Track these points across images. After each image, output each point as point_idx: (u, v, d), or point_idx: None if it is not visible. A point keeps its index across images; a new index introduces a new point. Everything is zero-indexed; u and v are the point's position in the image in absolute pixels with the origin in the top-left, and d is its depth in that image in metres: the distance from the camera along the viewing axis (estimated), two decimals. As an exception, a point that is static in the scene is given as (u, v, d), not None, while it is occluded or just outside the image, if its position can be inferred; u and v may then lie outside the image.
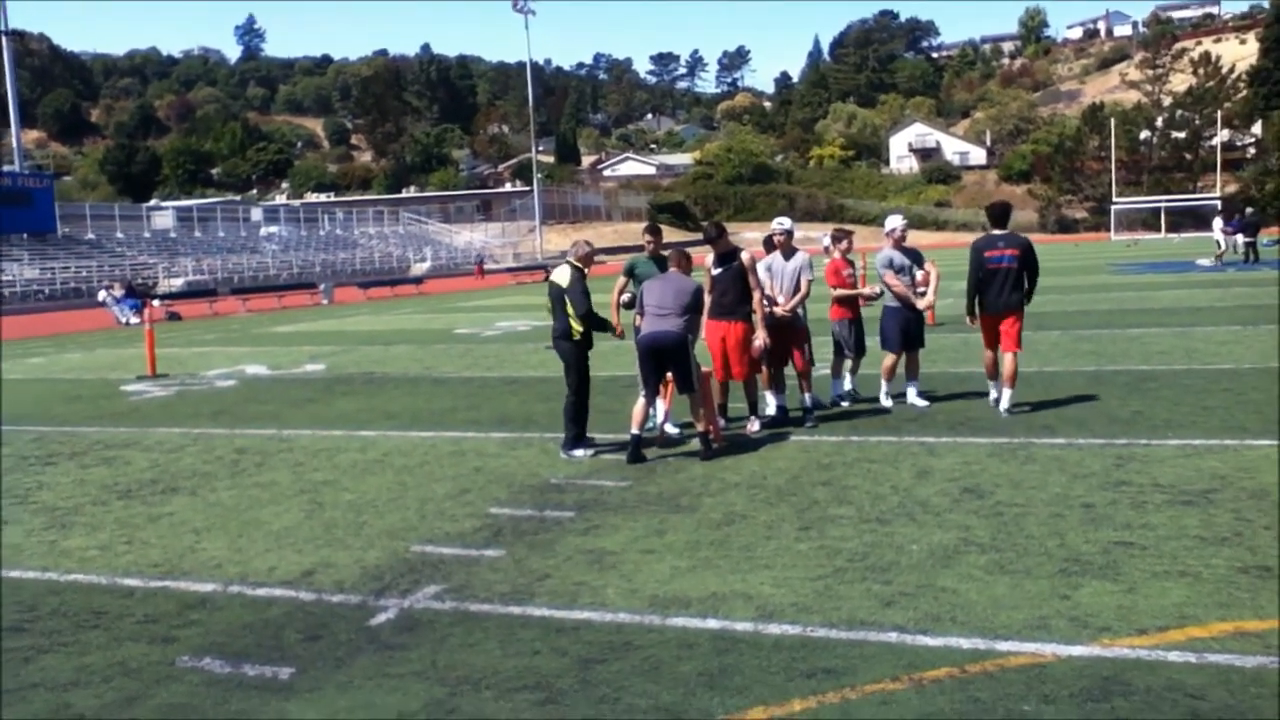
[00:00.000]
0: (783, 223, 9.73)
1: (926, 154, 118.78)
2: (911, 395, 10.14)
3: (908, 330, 10.07)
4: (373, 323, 26.71)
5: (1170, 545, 5.49)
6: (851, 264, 10.60)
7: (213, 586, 5.57)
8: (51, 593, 5.58)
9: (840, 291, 10.24)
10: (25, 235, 51.36)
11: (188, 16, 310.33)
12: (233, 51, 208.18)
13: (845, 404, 10.34)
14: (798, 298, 9.36)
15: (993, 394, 9.81)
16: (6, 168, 66.21)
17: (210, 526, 6.84)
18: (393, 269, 62.10)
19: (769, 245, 9.74)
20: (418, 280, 48.67)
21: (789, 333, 9.36)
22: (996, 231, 9.59)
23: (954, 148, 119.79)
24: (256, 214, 75.77)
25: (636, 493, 7.19)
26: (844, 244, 10.49)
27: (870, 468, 7.60)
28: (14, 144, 59.80)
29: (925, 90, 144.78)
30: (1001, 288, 9.31)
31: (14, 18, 54.06)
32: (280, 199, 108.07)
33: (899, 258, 10.14)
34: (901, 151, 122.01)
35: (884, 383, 10.20)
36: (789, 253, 9.52)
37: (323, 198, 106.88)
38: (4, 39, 55.03)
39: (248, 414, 11.79)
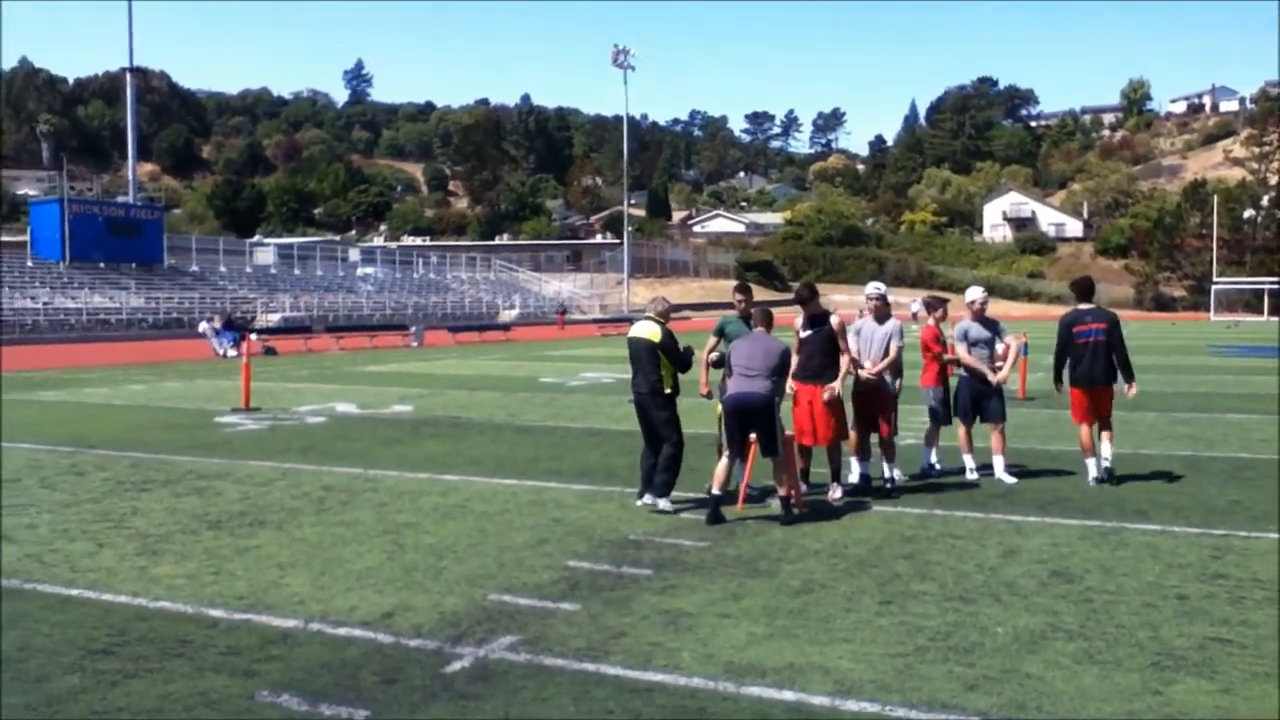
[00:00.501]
0: (879, 288, 9.65)
1: (1021, 224, 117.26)
2: (999, 470, 9.94)
3: (978, 402, 10.01)
4: (460, 367, 27.10)
5: (1270, 645, 5.26)
6: (941, 333, 10.54)
7: (294, 622, 5.65)
8: (140, 619, 5.72)
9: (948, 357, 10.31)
10: (134, 265, 53.40)
11: (299, 59, 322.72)
12: (340, 95, 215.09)
13: (937, 467, 10.27)
14: (885, 362, 9.27)
15: (1091, 472, 9.69)
16: (121, 199, 69.12)
17: (295, 562, 6.97)
18: (482, 314, 63.05)
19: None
20: (506, 327, 49.33)
21: (876, 399, 9.27)
22: (1084, 306, 9.85)
23: (1049, 218, 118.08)
24: (354, 254, 77.79)
25: (715, 554, 7.14)
26: (939, 312, 10.47)
27: (955, 544, 7.45)
28: (129, 176, 62.45)
29: (1022, 159, 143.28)
30: (1093, 361, 9.58)
31: (138, 55, 56.61)
32: (378, 240, 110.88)
33: (975, 330, 10.10)
34: (995, 220, 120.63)
35: (965, 456, 10.06)
36: (882, 318, 9.46)
37: (418, 241, 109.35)
38: (128, 76, 57.75)
39: (336, 451, 12.02)
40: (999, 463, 9.97)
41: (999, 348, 10.17)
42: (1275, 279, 77.71)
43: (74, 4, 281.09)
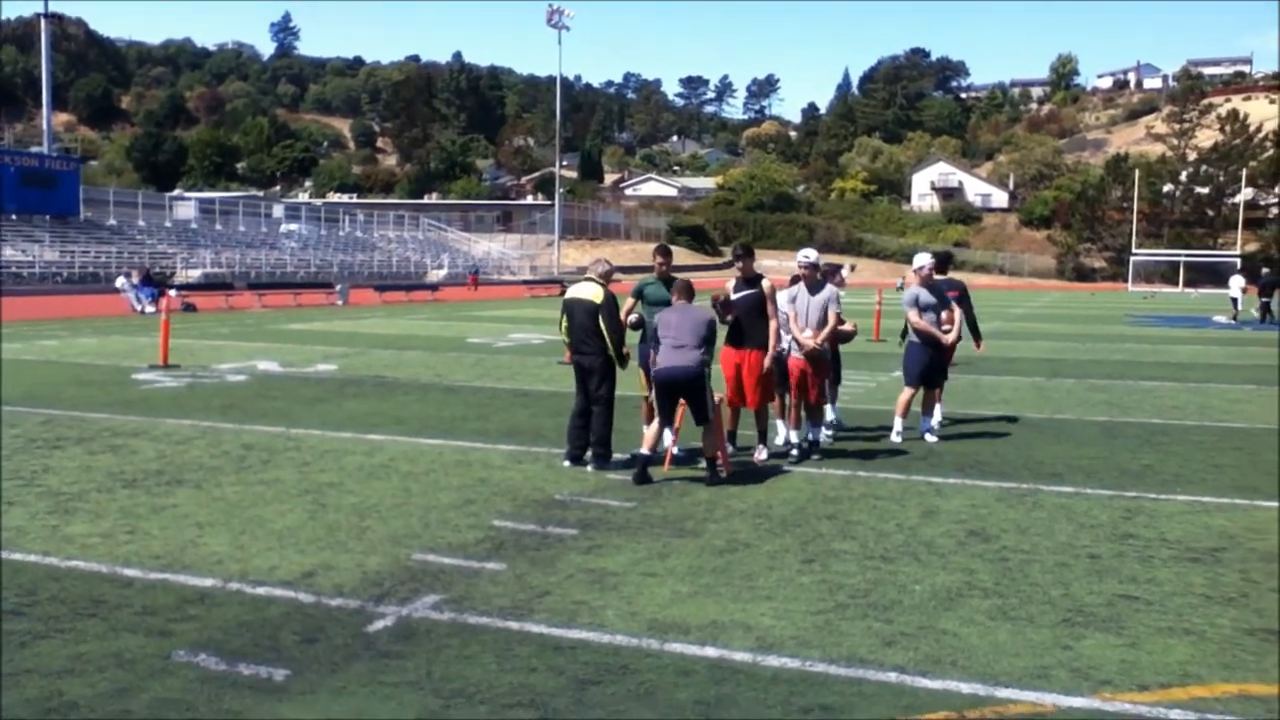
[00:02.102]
0: (809, 255, 9.64)
1: (948, 193, 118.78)
2: (928, 428, 10.19)
3: (929, 366, 10.22)
4: (386, 326, 26.76)
5: (1175, 602, 5.44)
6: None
7: (212, 582, 5.55)
8: (51, 578, 5.57)
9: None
10: (48, 217, 51.72)
11: (224, 10, 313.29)
12: (266, 48, 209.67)
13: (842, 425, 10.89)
14: (826, 330, 9.31)
15: (897, 430, 10.24)
16: (35, 149, 66.75)
17: (213, 521, 6.84)
18: (410, 274, 62.28)
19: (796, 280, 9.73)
20: (434, 287, 48.79)
21: (817, 366, 9.33)
22: (939, 277, 10.74)
23: (976, 189, 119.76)
24: (278, 210, 76.14)
25: (641, 514, 7.17)
26: (836, 278, 10.65)
27: (876, 504, 7.57)
28: (44, 126, 60.30)
29: (952, 130, 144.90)
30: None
31: (53, 1, 54.57)
32: (303, 197, 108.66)
33: (925, 295, 10.22)
34: (924, 189, 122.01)
35: (898, 418, 10.25)
36: (815, 286, 9.49)
37: (345, 198, 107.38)
38: (43, 21, 55.66)
39: (257, 410, 11.81)
40: (936, 416, 10.26)
41: (943, 314, 10.37)
42: (1190, 252, 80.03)
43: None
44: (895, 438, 10.12)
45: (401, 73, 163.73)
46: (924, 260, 10.50)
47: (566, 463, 8.79)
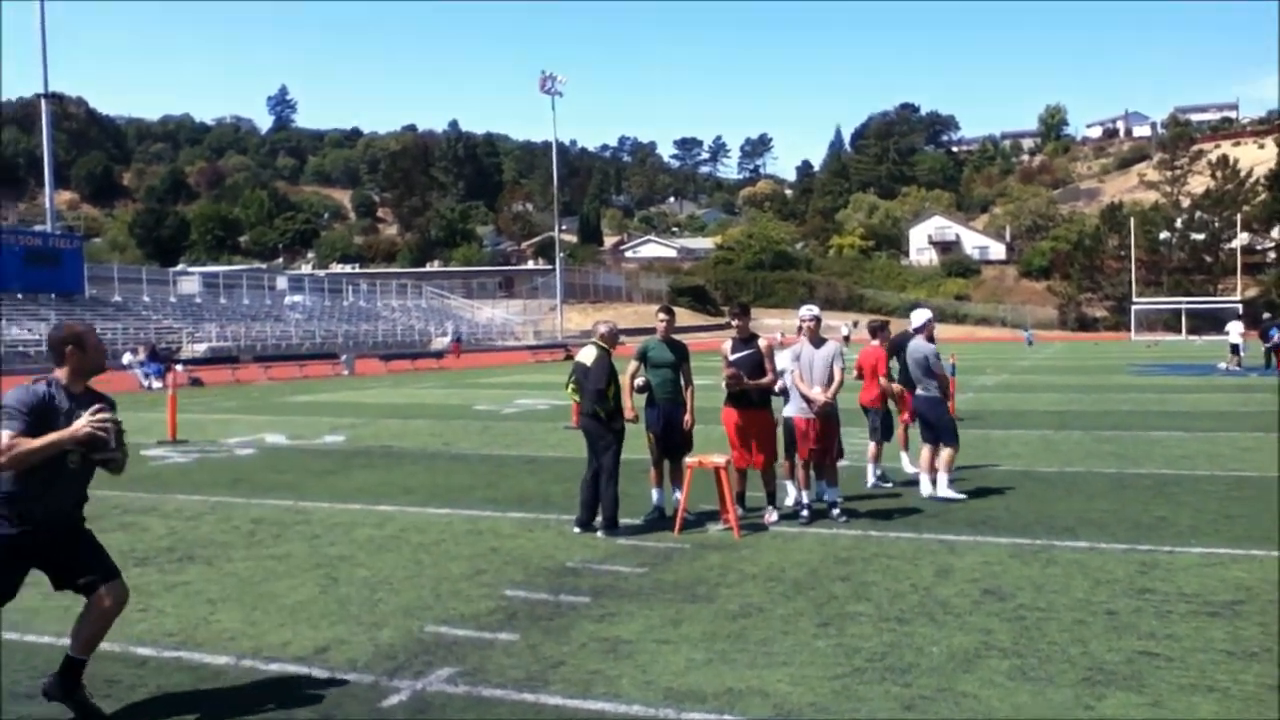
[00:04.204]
0: (812, 309, 9.60)
1: (946, 247, 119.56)
2: (942, 486, 10.23)
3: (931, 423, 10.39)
4: (393, 395, 26.81)
5: (1197, 658, 5.40)
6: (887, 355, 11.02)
7: (226, 659, 5.53)
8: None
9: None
10: (53, 295, 52.06)
11: (222, 85, 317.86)
12: (265, 121, 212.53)
13: (888, 485, 10.84)
14: (834, 387, 9.24)
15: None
16: (38, 227, 67.36)
17: (225, 597, 6.82)
18: (415, 342, 62.50)
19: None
20: (438, 354, 48.94)
21: (826, 424, 9.30)
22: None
23: (974, 242, 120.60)
24: (282, 282, 76.59)
25: (653, 580, 7.14)
26: (883, 334, 11.00)
27: (889, 564, 7.53)
28: (47, 204, 60.91)
29: (945, 184, 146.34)
30: None
31: (54, 80, 55.50)
32: (305, 268, 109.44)
33: (932, 351, 10.30)
34: (921, 244, 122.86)
35: (924, 475, 10.39)
36: (818, 341, 9.51)
37: (347, 269, 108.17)
38: (43, 102, 56.51)
39: (266, 483, 11.81)
40: (943, 479, 10.22)
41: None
42: (1191, 299, 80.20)
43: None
44: (926, 493, 10.26)
45: (399, 142, 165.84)
46: (927, 316, 10.72)
47: (577, 529, 8.78)
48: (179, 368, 30.50)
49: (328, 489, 11.35)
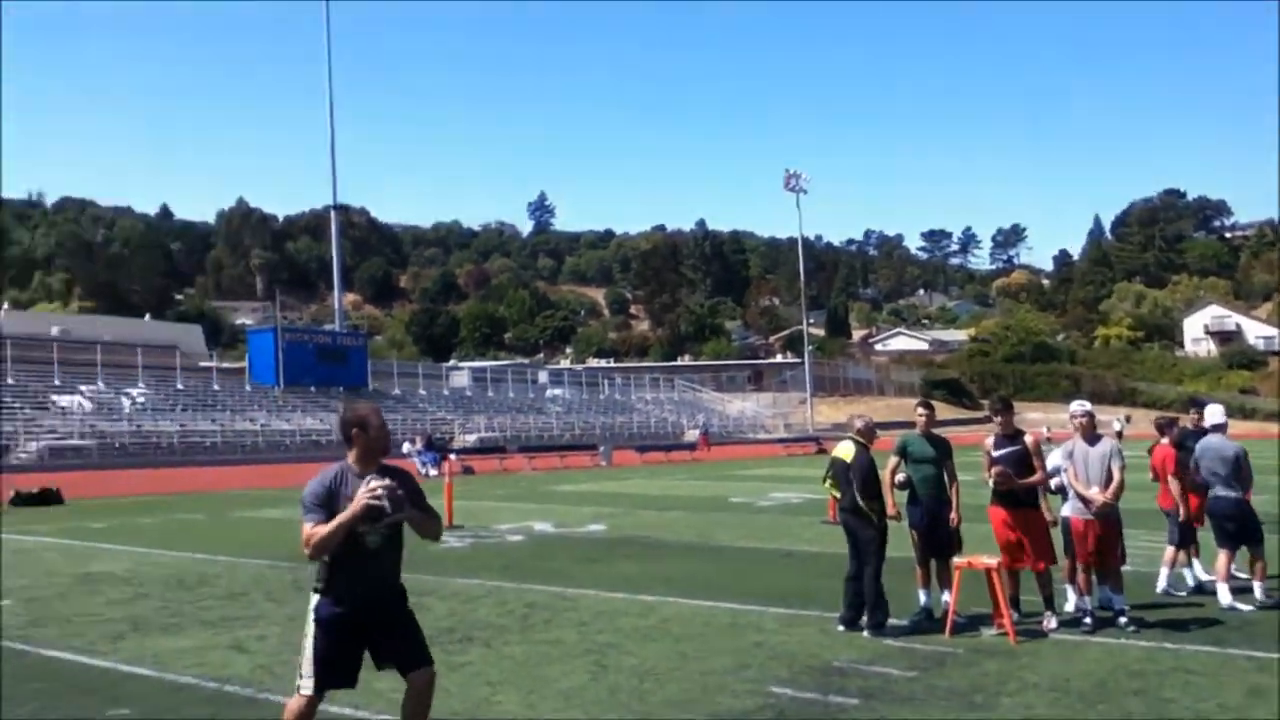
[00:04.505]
0: (1084, 404, 9.18)
1: (1226, 337, 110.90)
2: (1259, 592, 9.44)
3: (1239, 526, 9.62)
4: (649, 486, 27.33)
5: None
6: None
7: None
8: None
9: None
10: (342, 388, 56.57)
11: (487, 193, 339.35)
12: (525, 225, 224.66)
13: (1181, 594, 10.05)
14: (1114, 487, 8.69)
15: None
16: (328, 327, 73.77)
17: (504, 680, 7.10)
18: (667, 434, 63.61)
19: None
20: (691, 446, 49.57)
21: (1107, 526, 8.79)
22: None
23: (1257, 331, 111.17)
24: (543, 376, 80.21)
25: (925, 685, 6.89)
26: (1174, 431, 10.36)
27: (1190, 680, 6.95)
28: (335, 306, 66.71)
29: (1220, 271, 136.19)
30: None
31: (340, 194, 61.28)
32: (564, 363, 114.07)
33: (1241, 449, 9.69)
34: (1197, 334, 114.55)
35: (1221, 584, 9.55)
36: (1092, 438, 9.03)
37: (603, 363, 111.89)
38: (333, 213, 62.36)
39: (536, 570, 12.27)
40: (1258, 588, 9.43)
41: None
42: None
43: (284, 149, 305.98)
44: (1225, 604, 9.37)
45: (649, 242, 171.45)
46: (1222, 414, 9.98)
47: (841, 626, 8.61)
48: (453, 456, 32.31)
49: (593, 577, 11.67)
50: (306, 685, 4.73)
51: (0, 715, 6.30)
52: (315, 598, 4.83)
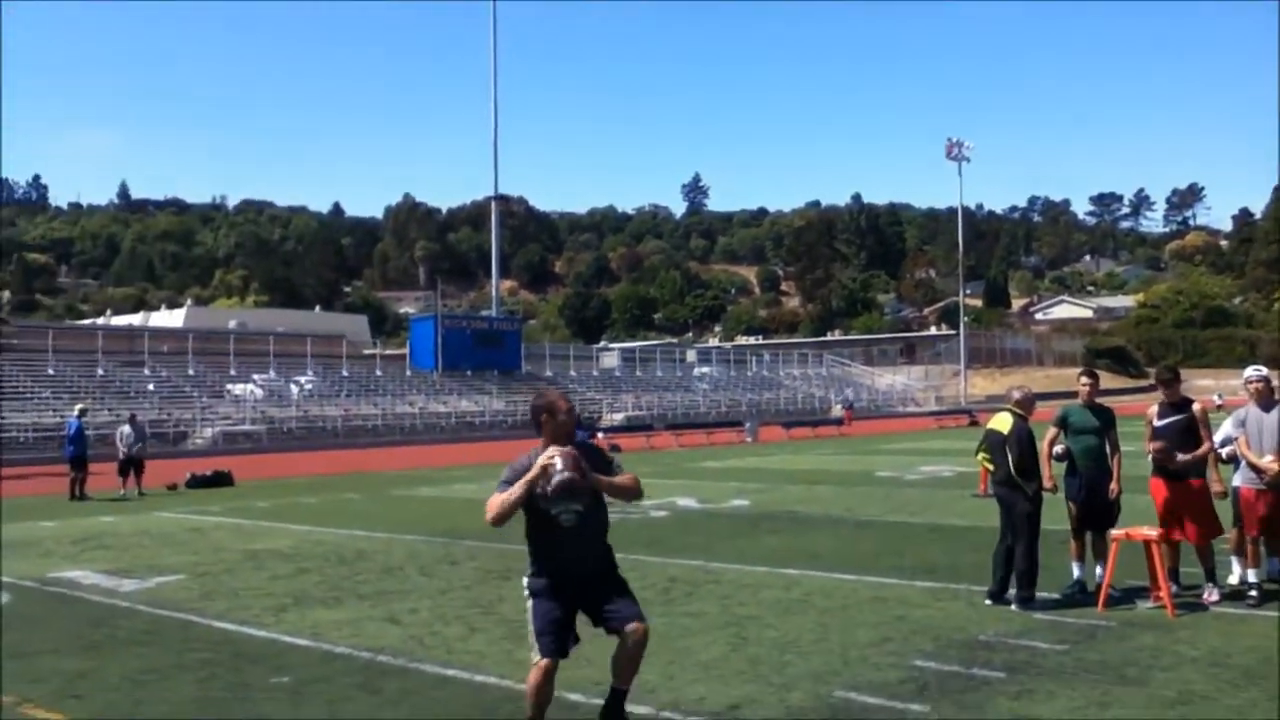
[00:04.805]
0: (1260, 370, 8.65)
1: None
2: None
3: None
4: (795, 462, 27.16)
5: None
6: None
7: (646, 709, 5.86)
8: (508, 699, 6.16)
9: None
10: (496, 372, 58.07)
11: (642, 177, 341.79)
12: (679, 207, 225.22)
13: None
14: None
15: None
16: (485, 313, 75.79)
17: (649, 651, 7.20)
18: (814, 409, 63.02)
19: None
20: (838, 421, 48.99)
21: (1275, 495, 8.34)
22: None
23: None
24: (691, 355, 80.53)
25: (1074, 659, 6.69)
26: None
27: (1365, 657, 6.55)
28: (493, 293, 68.44)
29: None
30: None
31: (501, 184, 62.71)
32: (713, 342, 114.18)
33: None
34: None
35: None
36: (1268, 404, 8.54)
37: (752, 340, 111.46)
38: (493, 203, 63.87)
39: (678, 544, 12.39)
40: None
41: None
42: None
43: (448, 145, 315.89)
44: None
45: (803, 218, 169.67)
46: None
47: (988, 600, 8.43)
48: (600, 435, 32.78)
49: (736, 551, 11.71)
50: (534, 656, 5.21)
51: (170, 683, 6.77)
52: (526, 578, 5.37)
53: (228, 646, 7.69)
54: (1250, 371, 8.70)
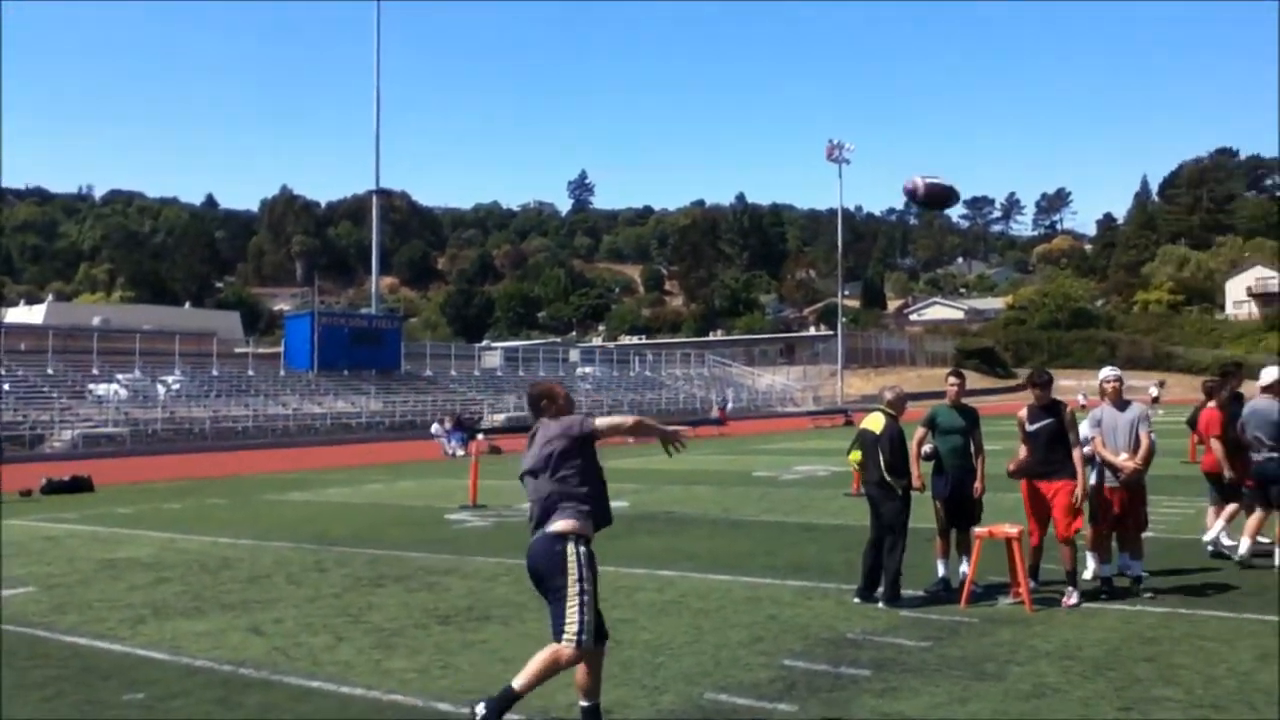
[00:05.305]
0: (1114, 370, 9.14)
1: (1269, 298, 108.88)
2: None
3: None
4: (674, 462, 27.17)
5: None
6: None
7: (517, 717, 5.79)
8: (375, 711, 6.02)
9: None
10: (374, 371, 56.97)
11: (527, 173, 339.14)
12: (564, 205, 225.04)
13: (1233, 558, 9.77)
14: (1142, 453, 8.65)
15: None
16: (364, 310, 74.31)
17: (519, 657, 7.10)
18: (696, 409, 63.60)
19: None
20: (719, 422, 49.53)
21: (1135, 493, 8.74)
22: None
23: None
24: (574, 355, 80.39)
25: (937, 655, 6.88)
26: (1224, 393, 10.35)
27: (1202, 645, 6.91)
28: (372, 290, 67.15)
29: (1267, 231, 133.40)
30: None
31: (382, 178, 61.57)
32: (597, 341, 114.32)
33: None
34: (1239, 296, 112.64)
35: (1247, 539, 9.58)
36: (1121, 404, 8.95)
37: (635, 340, 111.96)
38: (374, 198, 62.67)
39: (556, 548, 12.31)
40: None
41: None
42: None
43: (328, 137, 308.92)
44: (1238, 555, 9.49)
45: (687, 217, 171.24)
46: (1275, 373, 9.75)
47: (857, 599, 8.61)
48: (480, 436, 32.48)
49: (613, 553, 11.66)
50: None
51: (12, 704, 6.43)
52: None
53: (77, 662, 7.35)
54: (1106, 372, 9.11)
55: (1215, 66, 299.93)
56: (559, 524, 5.25)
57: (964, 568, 8.74)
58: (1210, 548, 10.17)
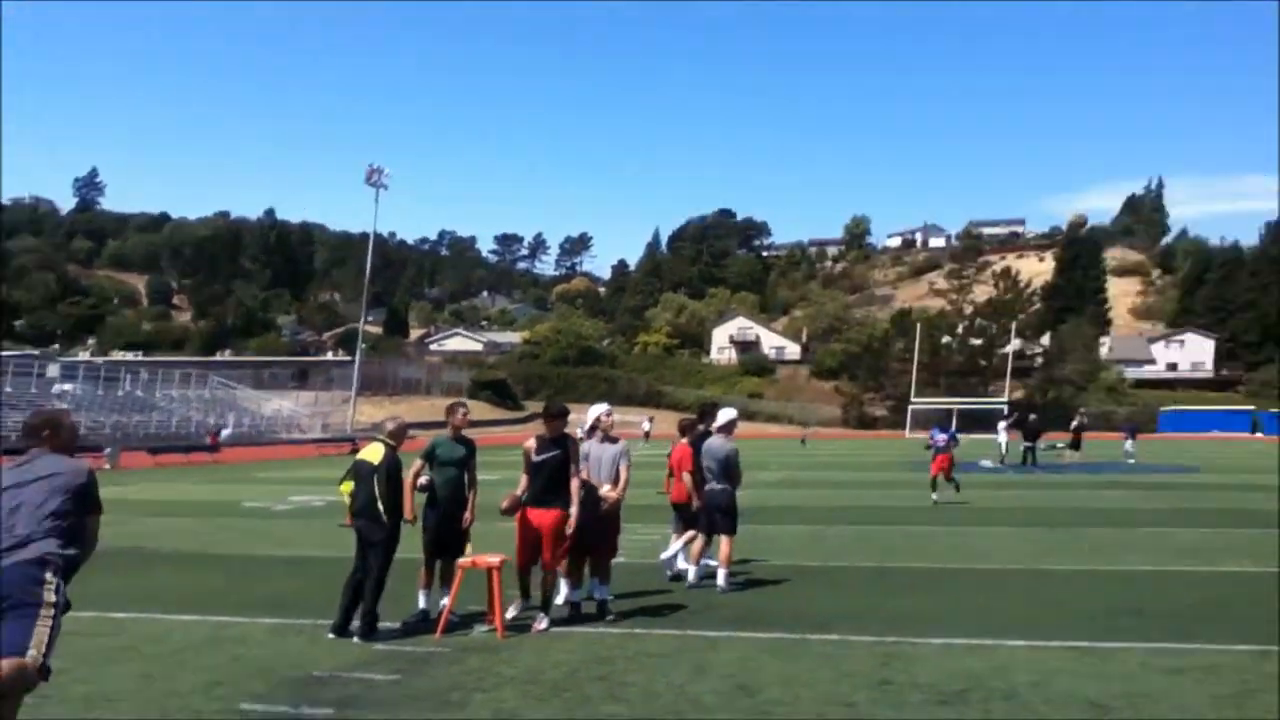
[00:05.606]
0: (605, 407, 9.72)
1: (746, 346, 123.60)
2: (721, 580, 10.41)
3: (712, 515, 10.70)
4: (157, 491, 25.20)
5: (923, 751, 5.52)
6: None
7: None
8: None
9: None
10: None
11: (26, 164, 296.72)
12: (67, 203, 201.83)
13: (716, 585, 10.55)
14: (621, 485, 9.30)
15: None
16: None
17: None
18: (191, 434, 59.28)
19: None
20: (213, 448, 46.50)
21: (611, 523, 9.30)
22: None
23: (772, 342, 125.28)
24: (53, 369, 71.67)
25: (404, 688, 6.84)
26: (695, 433, 11.19)
27: (649, 662, 7.48)
28: None
29: (752, 286, 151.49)
30: None
31: None
32: (84, 355, 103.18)
33: (734, 450, 10.67)
34: (723, 343, 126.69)
35: (692, 567, 10.62)
36: (610, 439, 9.53)
37: (130, 356, 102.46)
38: None
39: None
40: (722, 574, 10.40)
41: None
42: (963, 399, 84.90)
43: None
44: (691, 582, 10.54)
45: (208, 228, 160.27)
46: (733, 414, 11.05)
47: (331, 634, 8.36)
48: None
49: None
50: None
51: None
52: None
53: None
54: (601, 409, 9.68)
55: (716, 133, 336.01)
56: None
57: (444, 600, 8.80)
58: (669, 571, 11.13)
